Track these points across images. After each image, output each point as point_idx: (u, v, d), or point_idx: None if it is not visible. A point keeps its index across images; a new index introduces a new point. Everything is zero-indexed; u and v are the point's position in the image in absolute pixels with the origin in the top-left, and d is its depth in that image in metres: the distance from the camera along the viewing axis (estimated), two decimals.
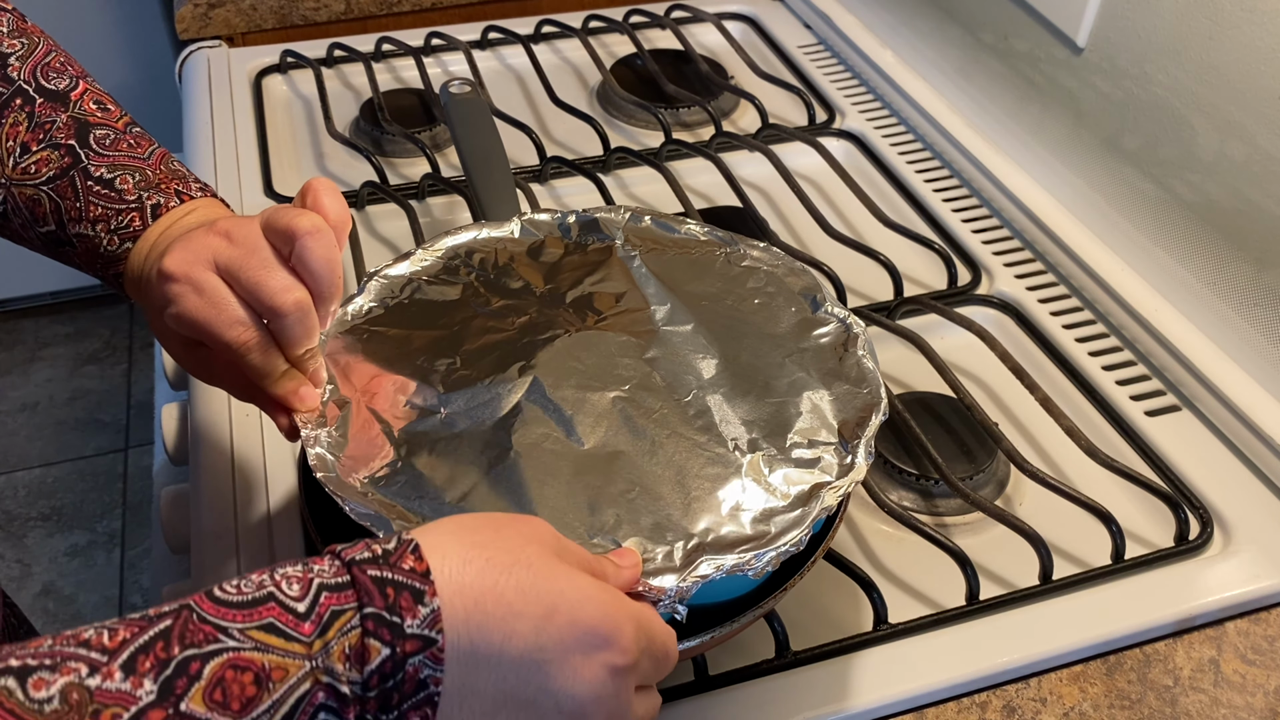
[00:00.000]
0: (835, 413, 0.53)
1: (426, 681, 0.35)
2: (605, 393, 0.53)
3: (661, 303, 0.59)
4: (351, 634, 0.34)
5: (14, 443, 1.87)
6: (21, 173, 0.55)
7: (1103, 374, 0.74)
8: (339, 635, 0.34)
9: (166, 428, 0.79)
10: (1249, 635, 0.60)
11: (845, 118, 1.00)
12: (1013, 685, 0.57)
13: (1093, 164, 0.82)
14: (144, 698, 0.31)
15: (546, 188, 0.90)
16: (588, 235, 0.63)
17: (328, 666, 0.34)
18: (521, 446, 0.51)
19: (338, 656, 0.34)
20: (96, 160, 0.56)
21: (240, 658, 0.33)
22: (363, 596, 0.35)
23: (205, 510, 0.64)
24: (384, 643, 0.35)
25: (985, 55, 0.92)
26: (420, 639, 0.35)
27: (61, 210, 0.55)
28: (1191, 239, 0.74)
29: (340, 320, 0.57)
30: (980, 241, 0.85)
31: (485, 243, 0.62)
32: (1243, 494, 0.67)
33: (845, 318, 0.58)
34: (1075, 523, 0.63)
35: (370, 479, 0.49)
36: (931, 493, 0.66)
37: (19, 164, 0.55)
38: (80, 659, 0.32)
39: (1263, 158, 0.67)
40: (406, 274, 0.60)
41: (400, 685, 0.35)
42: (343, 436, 0.51)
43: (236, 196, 0.87)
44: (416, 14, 1.15)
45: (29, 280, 2.03)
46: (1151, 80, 0.75)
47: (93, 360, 2.02)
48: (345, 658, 0.34)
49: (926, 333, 0.76)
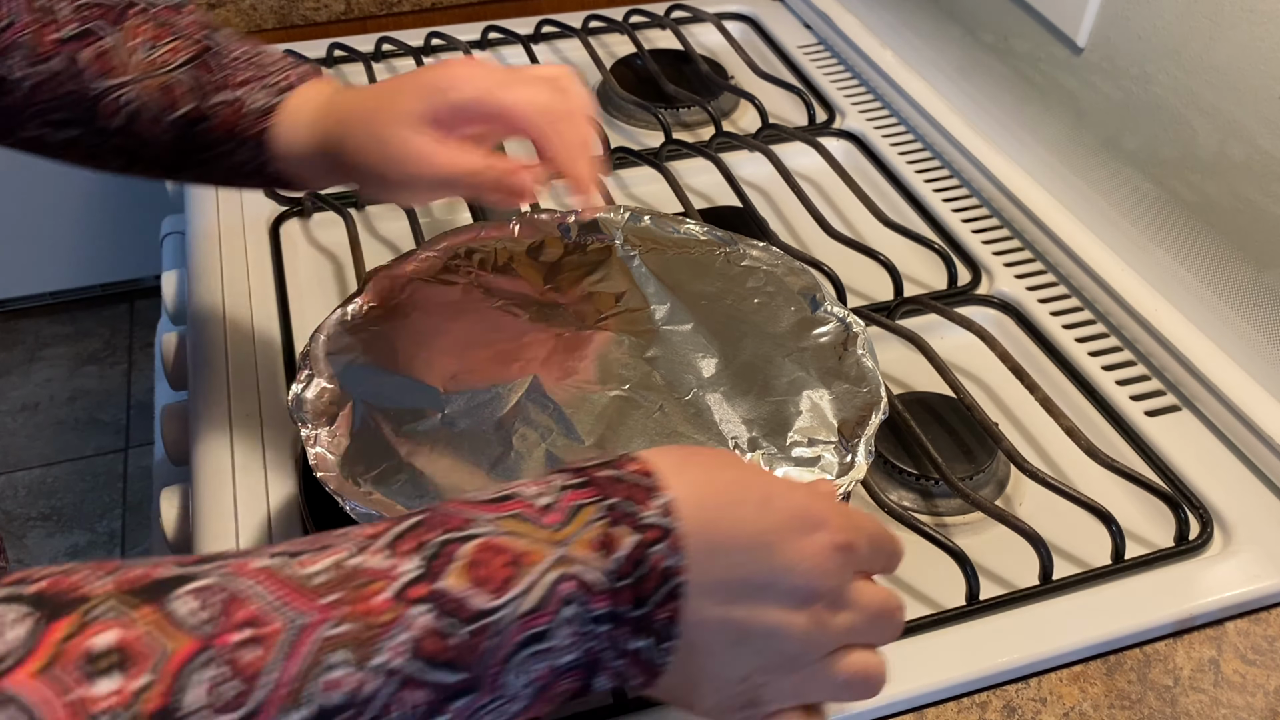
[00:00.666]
0: (835, 412, 0.53)
1: (670, 571, 0.36)
2: (605, 392, 0.53)
3: (661, 302, 0.59)
4: (595, 525, 0.35)
5: (14, 443, 1.87)
6: (151, 64, 0.55)
7: (1103, 374, 0.74)
8: (583, 527, 0.35)
9: (166, 428, 0.79)
10: (1249, 635, 0.60)
11: (845, 118, 1.00)
12: (1013, 685, 0.57)
13: (1093, 164, 0.82)
14: (408, 573, 0.33)
15: (547, 187, 0.90)
16: (587, 235, 0.63)
17: (574, 556, 0.35)
18: (521, 446, 0.51)
19: (583, 545, 0.35)
20: (231, 45, 0.57)
21: (495, 541, 0.34)
22: (602, 490, 0.36)
23: (205, 510, 0.64)
24: (628, 529, 0.36)
25: (985, 55, 0.92)
26: (659, 527, 0.36)
27: (201, 86, 0.55)
28: (1191, 239, 0.74)
29: (340, 320, 0.57)
30: (980, 241, 0.85)
31: (485, 242, 0.62)
32: (1243, 494, 0.67)
33: (844, 317, 0.58)
34: (1075, 523, 0.63)
35: (370, 478, 0.49)
36: (931, 493, 0.66)
37: (148, 57, 0.56)
38: (345, 543, 0.33)
39: (1263, 158, 0.67)
40: (406, 273, 0.60)
41: (648, 575, 0.35)
42: (343, 435, 0.51)
43: (237, 196, 0.87)
44: (416, 14, 1.15)
45: (29, 280, 2.03)
46: (1152, 80, 0.75)
47: (92, 360, 2.02)
48: (592, 546, 0.35)
49: (926, 333, 0.76)
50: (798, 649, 0.39)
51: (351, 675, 0.31)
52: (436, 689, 0.32)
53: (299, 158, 0.56)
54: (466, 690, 0.33)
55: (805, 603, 0.39)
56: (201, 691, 0.29)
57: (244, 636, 0.30)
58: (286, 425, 0.67)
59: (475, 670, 0.33)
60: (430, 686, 0.32)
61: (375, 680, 0.31)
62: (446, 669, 0.32)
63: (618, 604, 0.35)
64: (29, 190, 1.92)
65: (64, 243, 2.00)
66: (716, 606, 0.37)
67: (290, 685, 0.30)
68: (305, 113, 0.56)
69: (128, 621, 0.29)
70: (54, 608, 0.29)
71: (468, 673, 0.33)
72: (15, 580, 0.30)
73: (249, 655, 0.30)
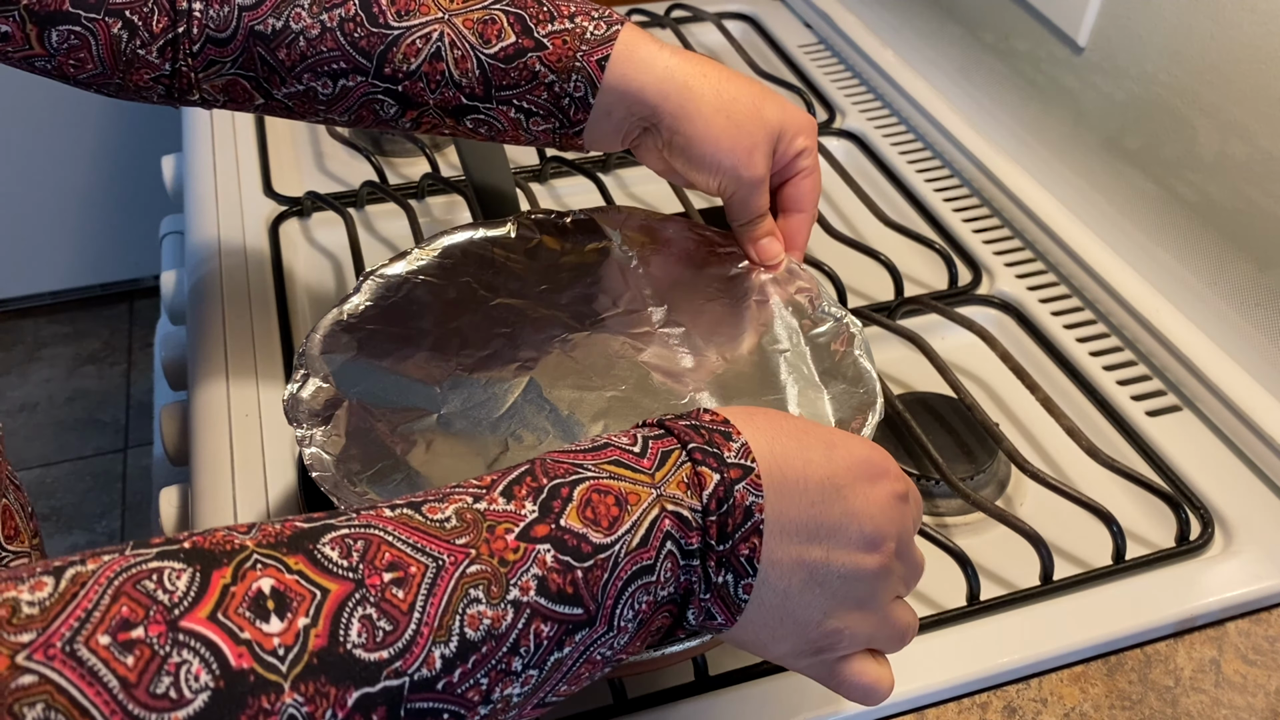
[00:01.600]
0: (832, 412, 0.53)
1: (752, 509, 0.38)
2: (602, 393, 0.53)
3: (659, 303, 0.59)
4: (684, 467, 0.38)
5: (13, 443, 1.87)
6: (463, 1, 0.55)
7: (1103, 374, 0.74)
8: (674, 469, 0.38)
9: (166, 428, 0.79)
10: (1250, 635, 0.60)
11: (846, 117, 1.00)
12: (1013, 685, 0.57)
13: (1093, 164, 0.82)
14: (529, 514, 0.35)
15: (546, 187, 0.90)
16: (585, 235, 0.63)
17: (670, 495, 0.37)
18: (518, 447, 0.51)
19: (676, 485, 0.37)
20: None
21: (600, 484, 0.37)
22: (684, 436, 0.39)
23: (205, 510, 0.64)
24: (712, 469, 0.38)
25: (986, 55, 0.92)
26: (740, 467, 0.38)
27: (525, 18, 0.55)
28: (1192, 239, 0.74)
29: (336, 319, 0.57)
30: (981, 241, 0.85)
31: (482, 242, 0.62)
32: (1244, 494, 0.66)
33: (842, 317, 0.58)
34: (1076, 523, 0.63)
35: (366, 478, 0.49)
36: (932, 493, 0.66)
37: None
38: (463, 492, 0.36)
39: (1264, 157, 0.67)
40: (403, 273, 0.60)
41: (732, 511, 0.38)
42: (339, 435, 0.51)
43: (236, 196, 0.86)
44: None
45: (28, 280, 2.03)
46: (1152, 80, 0.75)
47: (92, 360, 2.02)
48: (683, 485, 0.37)
49: (927, 333, 0.75)
50: (867, 591, 0.41)
51: (488, 610, 0.33)
52: (560, 622, 0.34)
53: (625, 94, 0.56)
54: (586, 623, 0.35)
55: (874, 546, 0.40)
56: (358, 629, 0.31)
57: (391, 578, 0.32)
58: (286, 425, 0.67)
59: (593, 603, 0.35)
60: (555, 619, 0.34)
61: (509, 614, 0.33)
62: (569, 602, 0.35)
63: (707, 538, 0.37)
64: (28, 190, 1.92)
65: (64, 243, 2.00)
66: (792, 546, 0.39)
67: (435, 621, 0.32)
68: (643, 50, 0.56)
69: (281, 569, 0.31)
70: (209, 560, 0.30)
71: (587, 606, 0.35)
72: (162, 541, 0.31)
73: (397, 594, 0.32)
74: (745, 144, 0.57)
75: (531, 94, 0.56)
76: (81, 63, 0.54)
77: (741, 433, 0.39)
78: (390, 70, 0.55)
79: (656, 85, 0.56)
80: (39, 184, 1.91)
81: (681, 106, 0.56)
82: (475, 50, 0.55)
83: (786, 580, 0.39)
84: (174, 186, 1.01)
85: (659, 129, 0.57)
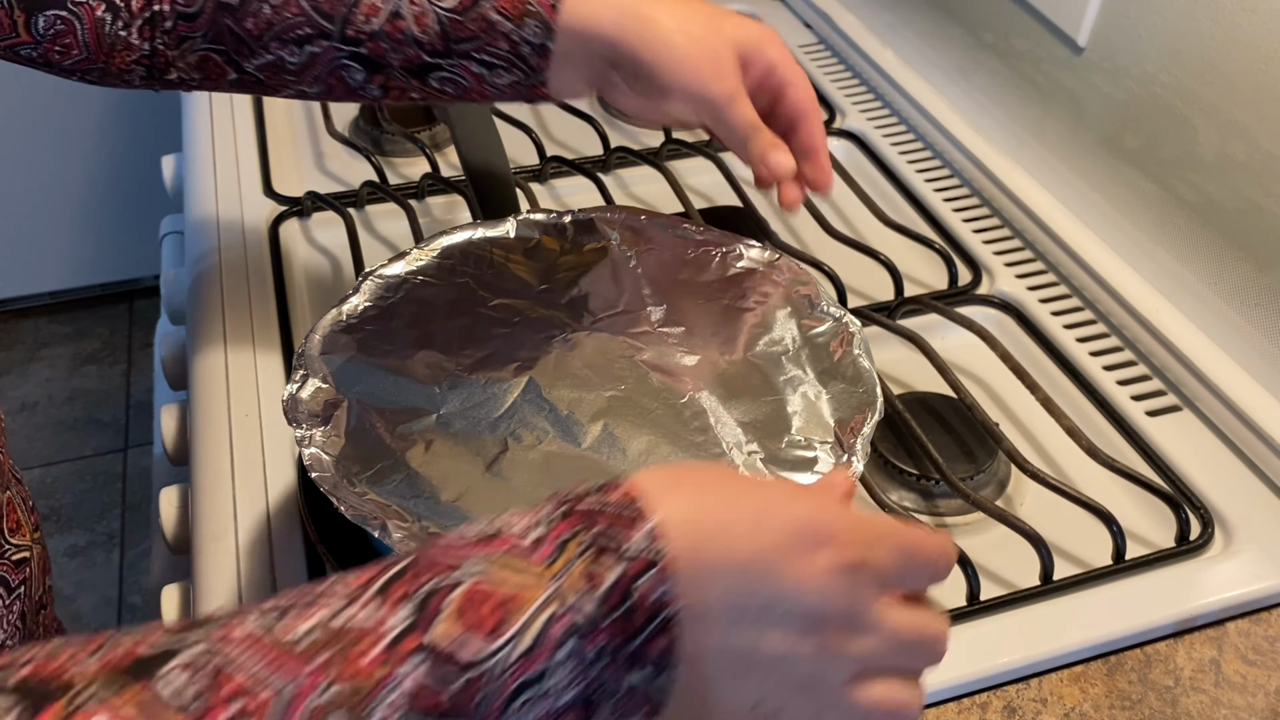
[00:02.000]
0: (832, 412, 0.53)
1: (660, 603, 0.34)
2: (601, 393, 0.53)
3: (657, 303, 0.59)
4: (585, 556, 0.34)
5: (13, 443, 1.87)
6: None
7: (1103, 374, 0.74)
8: (575, 558, 0.34)
9: (166, 428, 0.79)
10: (1250, 635, 0.60)
11: (846, 117, 1.00)
12: (1013, 685, 0.57)
13: (1093, 164, 0.82)
14: (398, 625, 0.32)
15: (546, 187, 0.90)
16: (584, 235, 0.63)
17: (565, 593, 0.33)
18: (517, 447, 0.51)
19: (577, 578, 0.34)
20: None
21: (484, 585, 0.33)
22: (585, 521, 0.35)
23: (205, 510, 0.64)
24: (612, 563, 0.34)
25: (986, 55, 0.92)
26: (645, 559, 0.34)
27: None
28: (1192, 239, 0.74)
29: (335, 319, 0.57)
30: (981, 241, 0.85)
31: (481, 243, 0.62)
32: (1243, 494, 0.66)
33: (841, 317, 0.58)
34: (1076, 523, 0.63)
35: (366, 478, 0.49)
36: (932, 493, 0.66)
37: None
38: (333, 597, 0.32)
39: (1264, 157, 0.67)
40: (402, 274, 0.59)
41: (633, 610, 0.34)
42: (338, 435, 0.51)
43: (236, 196, 0.86)
44: None
45: (28, 280, 2.03)
46: (1152, 80, 0.75)
47: (92, 360, 2.02)
48: (584, 578, 0.34)
49: (927, 333, 0.75)
50: (807, 677, 0.37)
51: None
52: None
53: (581, 33, 0.55)
54: None
55: (812, 628, 0.36)
56: None
57: (233, 711, 0.29)
58: (285, 425, 0.67)
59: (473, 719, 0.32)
60: None
61: None
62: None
63: (610, 639, 0.34)
64: (28, 190, 1.92)
65: (63, 243, 2.00)
66: (715, 635, 0.35)
67: None
68: None
69: (114, 705, 0.28)
70: (38, 697, 0.28)
71: None
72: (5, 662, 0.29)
73: None
74: (709, 58, 0.55)
75: (491, 45, 0.56)
76: (67, 48, 0.55)
77: (656, 510, 0.35)
78: (354, 32, 0.56)
79: (612, 19, 0.55)
80: (39, 184, 1.91)
81: (640, 35, 0.55)
82: (433, 5, 0.55)
83: (712, 670, 0.36)
84: (174, 186, 1.01)
85: (621, 64, 0.56)
